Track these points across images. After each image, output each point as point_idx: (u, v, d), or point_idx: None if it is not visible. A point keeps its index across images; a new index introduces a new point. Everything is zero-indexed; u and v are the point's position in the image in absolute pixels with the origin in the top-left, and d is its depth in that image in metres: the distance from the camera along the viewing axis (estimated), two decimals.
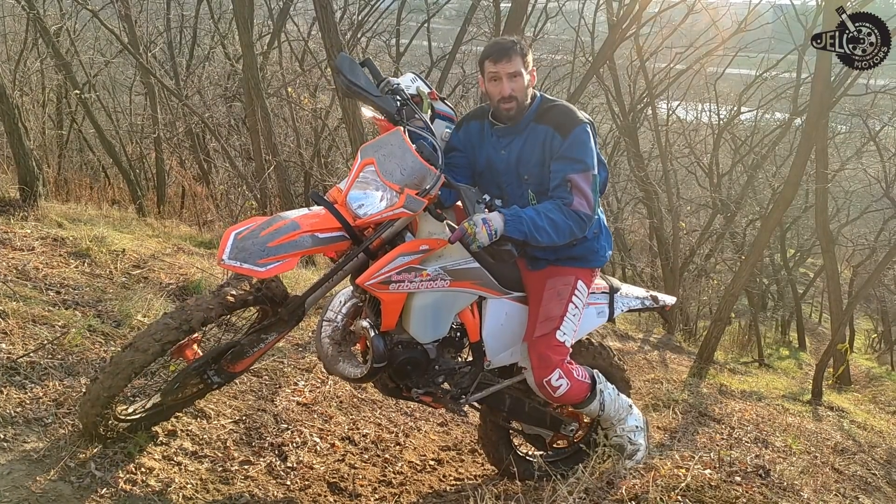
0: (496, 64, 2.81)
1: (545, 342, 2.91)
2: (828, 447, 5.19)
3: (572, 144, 2.77)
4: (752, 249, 8.03)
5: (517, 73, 2.80)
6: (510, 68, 2.79)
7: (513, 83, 2.81)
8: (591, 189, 2.76)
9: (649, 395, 5.70)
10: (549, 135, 2.81)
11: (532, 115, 2.88)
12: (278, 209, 8.61)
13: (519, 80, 2.82)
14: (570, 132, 2.78)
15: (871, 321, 20.02)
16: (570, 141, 2.77)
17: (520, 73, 2.81)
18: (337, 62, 2.79)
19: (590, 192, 2.75)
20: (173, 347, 2.68)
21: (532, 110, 2.88)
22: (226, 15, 12.73)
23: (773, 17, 12.23)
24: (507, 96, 2.82)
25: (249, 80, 8.08)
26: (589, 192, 2.75)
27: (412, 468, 3.58)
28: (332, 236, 2.65)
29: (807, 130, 7.04)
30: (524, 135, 2.87)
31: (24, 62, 11.51)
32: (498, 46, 2.83)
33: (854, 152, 14.14)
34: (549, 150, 2.81)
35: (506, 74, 2.80)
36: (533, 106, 2.89)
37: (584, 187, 2.74)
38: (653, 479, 2.68)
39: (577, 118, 2.81)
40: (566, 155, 2.77)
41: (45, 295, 3.78)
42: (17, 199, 5.76)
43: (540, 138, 2.83)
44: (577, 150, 2.76)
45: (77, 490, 2.53)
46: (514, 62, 2.79)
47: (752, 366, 11.07)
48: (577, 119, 2.81)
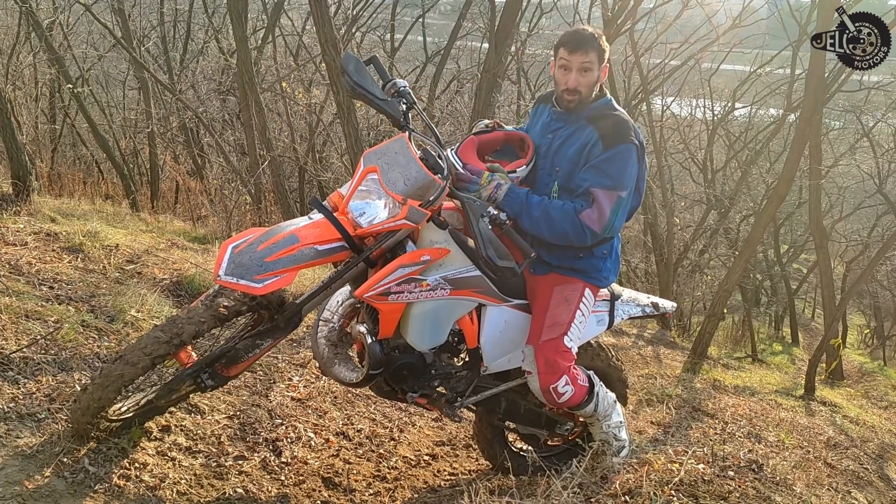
0: (571, 54, 2.74)
1: (553, 347, 2.86)
2: (820, 442, 5.21)
3: (610, 159, 2.71)
4: (745, 245, 8.05)
5: (590, 67, 2.74)
6: (584, 60, 2.73)
7: (582, 77, 2.75)
8: (612, 209, 2.71)
9: (643, 390, 5.72)
10: (592, 140, 2.75)
11: (590, 112, 2.81)
12: (272, 204, 8.59)
13: (589, 76, 2.76)
14: (613, 147, 2.72)
15: (863, 317, 20.11)
16: (610, 155, 2.71)
17: (592, 68, 2.75)
18: (342, 61, 2.71)
19: (607, 211, 2.70)
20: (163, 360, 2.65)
21: (592, 108, 2.82)
22: (220, 9, 12.70)
23: (768, 14, 12.23)
24: (572, 88, 2.78)
25: (243, 74, 8.06)
26: (607, 210, 2.70)
27: (406, 463, 3.58)
28: (332, 247, 2.59)
29: (800, 126, 7.05)
30: (573, 128, 2.82)
31: (16, 56, 11.45)
32: (578, 36, 2.75)
33: (847, 148, 14.22)
34: (587, 155, 2.76)
35: (578, 66, 2.74)
36: (595, 105, 2.83)
37: (605, 204, 2.70)
38: (646, 474, 2.68)
39: (626, 136, 2.74)
40: (600, 167, 2.72)
41: (38, 290, 3.77)
42: (9, 194, 5.74)
43: (583, 139, 2.78)
44: (612, 167, 2.71)
45: (71, 485, 2.52)
46: (589, 55, 2.73)
47: (746, 361, 11.12)
48: (626, 137, 2.74)
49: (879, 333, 17.51)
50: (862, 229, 16.76)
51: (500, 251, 2.52)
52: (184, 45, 12.89)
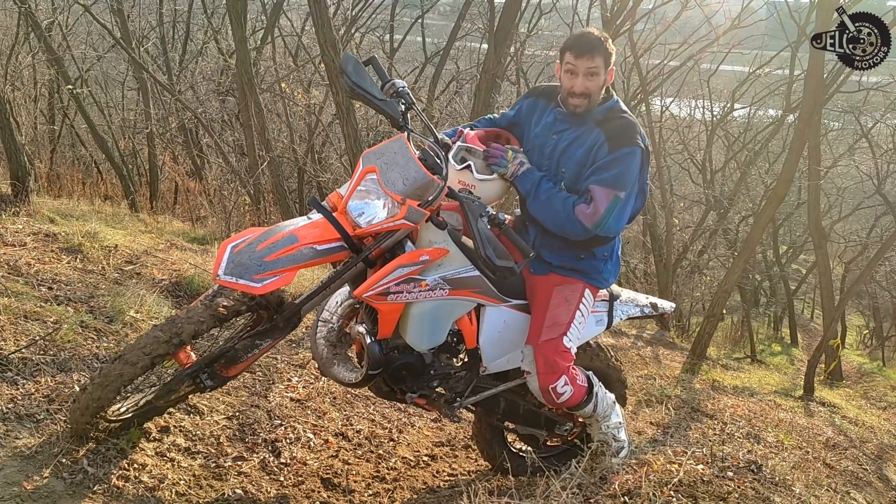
0: (577, 58, 2.73)
1: (552, 347, 2.86)
2: (819, 442, 5.22)
3: (613, 161, 2.72)
4: (744, 246, 8.06)
5: (596, 71, 2.73)
6: (590, 64, 2.72)
7: (588, 81, 2.74)
8: (607, 207, 2.71)
9: (642, 390, 5.72)
10: (599, 142, 2.76)
11: (598, 115, 2.81)
12: (271, 205, 8.59)
13: (596, 80, 2.75)
14: (618, 149, 2.72)
15: (862, 317, 20.12)
16: (614, 157, 2.72)
17: (598, 72, 2.74)
18: (341, 62, 2.71)
19: (602, 209, 2.70)
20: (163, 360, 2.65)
21: (600, 111, 2.82)
22: (219, 10, 12.70)
23: (767, 14, 12.26)
24: (578, 93, 2.77)
25: (243, 75, 8.06)
26: (602, 208, 2.70)
27: (406, 464, 3.58)
28: (331, 247, 2.59)
29: (799, 127, 7.05)
30: (580, 131, 2.82)
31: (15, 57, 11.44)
32: (583, 40, 2.74)
33: (846, 149, 14.22)
34: (594, 156, 2.77)
35: (584, 70, 2.73)
36: (603, 107, 2.83)
37: (600, 202, 2.70)
38: (645, 475, 2.68)
39: (632, 139, 2.75)
40: (602, 166, 2.73)
41: (36, 291, 3.77)
42: (8, 195, 5.73)
43: (591, 141, 2.78)
44: (614, 167, 2.72)
45: (70, 486, 2.52)
46: (595, 60, 2.72)
47: (745, 362, 11.12)
48: (632, 140, 2.75)
49: (878, 334, 17.52)
50: (861, 230, 16.76)
51: (499, 251, 2.52)
52: (183, 46, 12.89)
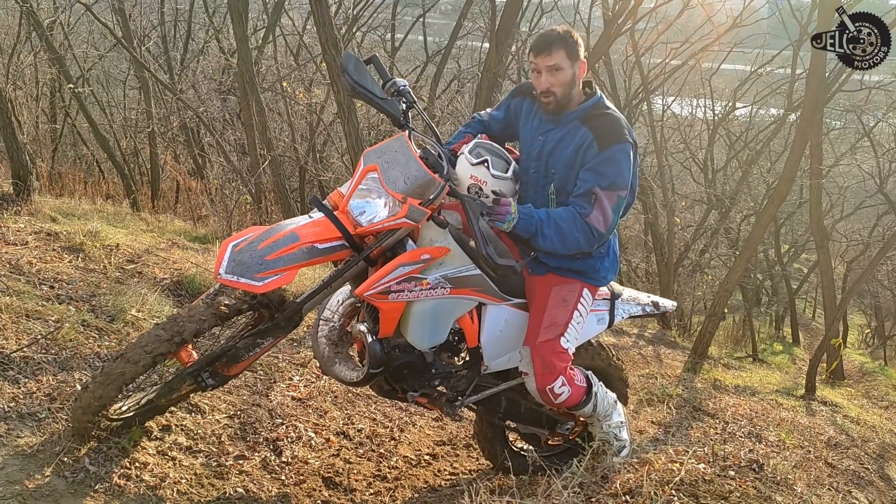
0: (537, 57, 2.73)
1: (549, 347, 2.86)
2: (821, 442, 5.21)
3: (607, 160, 2.70)
4: (746, 245, 8.05)
5: (557, 67, 2.71)
6: (549, 62, 2.71)
7: (552, 77, 2.73)
8: (613, 209, 2.70)
9: (644, 389, 5.72)
10: (587, 141, 2.74)
11: (580, 113, 2.79)
12: (273, 204, 8.60)
13: (559, 75, 2.73)
14: (609, 147, 2.70)
15: (864, 316, 20.09)
16: (606, 156, 2.70)
17: (561, 67, 2.72)
18: (342, 61, 2.71)
19: (610, 211, 2.70)
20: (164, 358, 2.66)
21: (582, 108, 2.80)
22: (220, 9, 12.71)
23: (769, 13, 12.25)
24: (544, 90, 2.76)
25: (244, 74, 8.07)
26: (609, 210, 2.69)
27: (407, 463, 3.58)
28: (332, 246, 2.60)
29: (801, 126, 7.04)
30: (564, 130, 2.80)
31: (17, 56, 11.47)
32: (542, 39, 2.74)
33: (848, 148, 14.21)
34: (583, 157, 2.75)
35: (545, 68, 2.72)
36: (585, 104, 2.81)
37: (607, 205, 2.69)
38: (647, 474, 2.68)
39: (621, 135, 2.73)
40: (598, 168, 2.70)
41: (38, 290, 3.77)
42: (10, 194, 5.75)
43: (577, 140, 2.76)
44: (611, 167, 2.70)
45: (71, 485, 2.52)
46: (554, 56, 2.70)
47: (746, 361, 11.11)
48: (621, 136, 2.73)
49: (880, 333, 17.50)
50: (863, 229, 16.75)
51: (500, 250, 2.51)
52: (184, 45, 12.91)
